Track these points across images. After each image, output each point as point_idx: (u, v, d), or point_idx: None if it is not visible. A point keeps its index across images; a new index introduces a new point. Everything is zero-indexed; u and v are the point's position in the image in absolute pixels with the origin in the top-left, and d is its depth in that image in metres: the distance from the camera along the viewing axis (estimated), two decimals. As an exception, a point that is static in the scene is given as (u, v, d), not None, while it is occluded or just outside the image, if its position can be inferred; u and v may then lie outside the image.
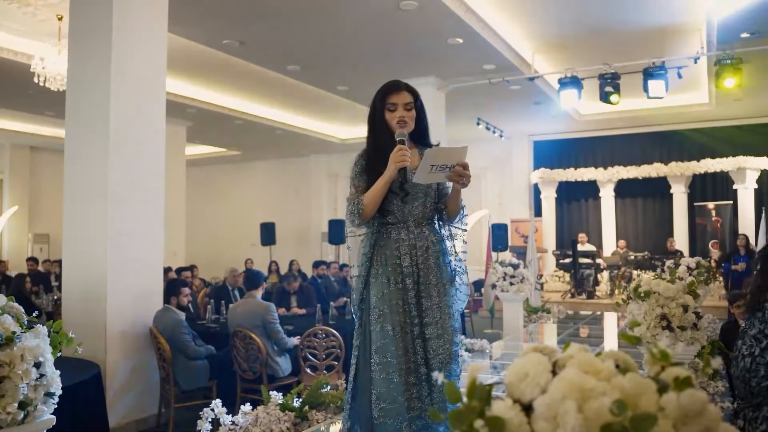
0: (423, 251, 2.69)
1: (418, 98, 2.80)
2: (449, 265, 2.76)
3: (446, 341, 2.65)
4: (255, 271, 5.94)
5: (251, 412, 3.54)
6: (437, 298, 2.68)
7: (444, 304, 2.69)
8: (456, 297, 2.76)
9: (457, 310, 2.77)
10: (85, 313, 5.01)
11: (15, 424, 1.91)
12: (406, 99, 2.74)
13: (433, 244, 2.73)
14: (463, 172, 2.54)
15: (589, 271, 12.73)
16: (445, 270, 2.74)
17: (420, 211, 2.73)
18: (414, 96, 2.78)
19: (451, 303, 2.73)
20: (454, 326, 2.70)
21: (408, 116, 2.72)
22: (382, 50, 8.48)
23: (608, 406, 0.83)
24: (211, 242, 17.82)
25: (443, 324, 2.66)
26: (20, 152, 15.44)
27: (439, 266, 2.72)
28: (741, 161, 13.06)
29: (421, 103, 2.82)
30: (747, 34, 8.13)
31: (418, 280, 2.68)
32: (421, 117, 2.81)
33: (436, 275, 2.70)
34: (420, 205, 2.72)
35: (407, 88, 2.78)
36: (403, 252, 2.67)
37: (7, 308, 2.02)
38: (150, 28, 5.50)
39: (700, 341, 3.57)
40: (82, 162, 5.22)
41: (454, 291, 2.75)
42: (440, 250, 2.74)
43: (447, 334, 2.66)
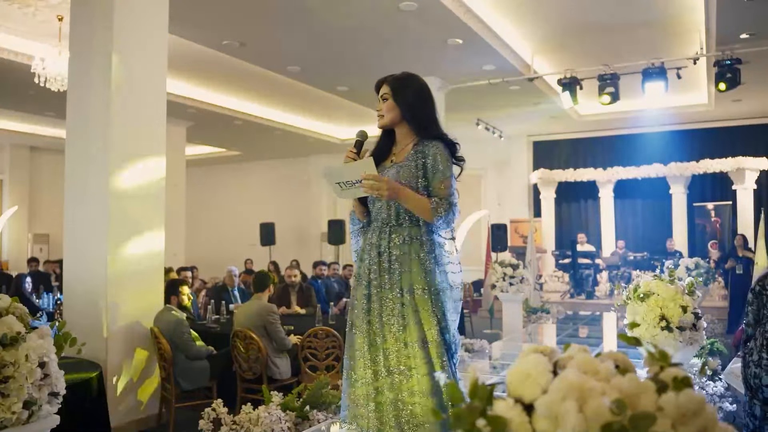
0: (381, 254, 2.58)
1: (399, 86, 2.67)
2: (417, 273, 2.54)
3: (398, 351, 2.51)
4: (263, 273, 5.95)
5: (253, 411, 3.56)
6: (391, 302, 2.54)
7: (400, 313, 2.52)
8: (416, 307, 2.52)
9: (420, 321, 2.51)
10: (86, 313, 5.02)
11: (20, 423, 1.93)
12: (383, 91, 2.69)
13: (394, 248, 2.58)
14: (373, 184, 2.41)
15: (589, 272, 12.75)
16: (408, 275, 2.54)
17: (386, 213, 2.63)
18: (392, 85, 2.67)
19: (408, 312, 2.52)
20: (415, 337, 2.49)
21: (383, 108, 2.67)
22: (382, 51, 8.50)
23: (608, 406, 0.84)
24: (211, 242, 17.82)
25: (397, 332, 2.51)
26: (20, 152, 15.45)
27: (399, 271, 2.55)
28: (740, 162, 13.07)
29: (406, 89, 2.67)
30: (746, 34, 8.15)
31: (374, 282, 2.59)
32: (410, 103, 2.65)
33: (390, 281, 2.55)
34: (383, 208, 2.63)
35: (389, 80, 2.70)
36: (369, 252, 2.64)
37: (12, 308, 2.04)
38: (151, 28, 5.51)
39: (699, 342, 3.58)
40: (83, 162, 5.23)
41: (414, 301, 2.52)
42: (401, 256, 2.56)
43: (407, 341, 2.50)
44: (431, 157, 2.56)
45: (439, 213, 2.49)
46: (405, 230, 2.59)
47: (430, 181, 2.56)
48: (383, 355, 2.52)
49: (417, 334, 2.48)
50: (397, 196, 2.47)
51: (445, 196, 2.53)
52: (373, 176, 2.41)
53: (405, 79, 2.70)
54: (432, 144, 2.59)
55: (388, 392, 2.49)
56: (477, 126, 12.73)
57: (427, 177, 2.57)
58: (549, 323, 9.11)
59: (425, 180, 2.57)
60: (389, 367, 2.50)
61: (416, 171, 2.57)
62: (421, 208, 2.51)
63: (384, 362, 2.51)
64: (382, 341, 2.53)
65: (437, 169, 2.55)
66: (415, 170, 2.57)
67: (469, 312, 10.43)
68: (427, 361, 2.47)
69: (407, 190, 2.51)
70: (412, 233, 2.58)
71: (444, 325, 2.54)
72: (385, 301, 2.55)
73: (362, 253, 2.69)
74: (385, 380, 2.50)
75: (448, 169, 2.58)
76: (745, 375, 3.00)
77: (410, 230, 2.58)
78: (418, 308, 2.51)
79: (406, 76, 2.72)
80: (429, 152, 2.57)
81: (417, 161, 2.58)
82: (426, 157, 2.57)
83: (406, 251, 2.56)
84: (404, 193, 2.49)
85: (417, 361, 2.47)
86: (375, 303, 2.57)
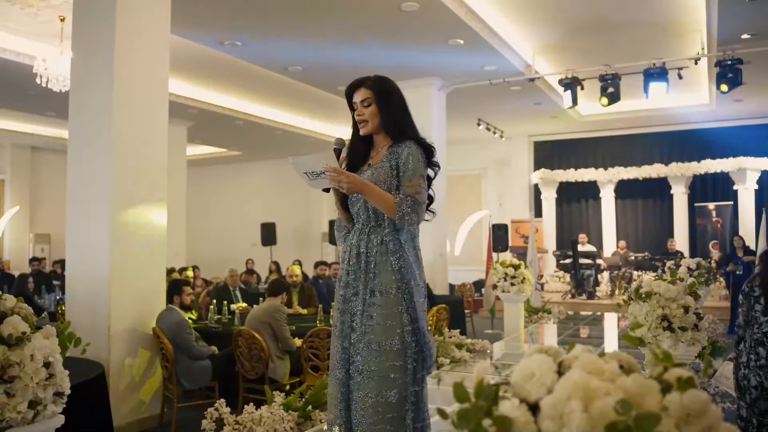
0: (360, 255, 2.57)
1: (380, 91, 2.63)
2: (389, 273, 2.52)
3: (361, 352, 2.49)
4: (278, 281, 6.02)
5: (255, 411, 3.56)
6: (361, 305, 2.53)
7: (366, 313, 2.51)
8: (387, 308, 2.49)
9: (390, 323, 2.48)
10: (88, 313, 5.03)
11: (25, 423, 1.93)
12: (363, 95, 2.62)
13: (372, 248, 2.56)
14: (335, 176, 2.41)
15: (590, 272, 12.75)
16: (380, 278, 2.52)
17: (364, 214, 2.61)
18: (374, 89, 2.62)
19: (376, 313, 2.50)
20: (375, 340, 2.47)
21: (366, 114, 2.61)
22: (383, 51, 8.50)
23: (613, 406, 0.85)
24: (212, 242, 17.83)
25: (366, 332, 2.50)
26: (21, 152, 15.47)
27: (374, 272, 2.53)
28: (741, 162, 13.08)
29: (387, 95, 2.63)
30: (747, 34, 8.15)
31: (351, 283, 2.59)
32: (390, 110, 2.63)
33: (365, 281, 2.54)
34: (362, 209, 2.62)
35: (367, 83, 2.65)
36: (348, 254, 2.63)
37: (17, 309, 2.04)
38: (153, 29, 5.51)
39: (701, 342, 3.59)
40: (85, 162, 5.24)
41: (385, 302, 2.50)
42: (378, 256, 2.54)
43: (366, 345, 2.48)
44: (403, 157, 2.55)
45: (401, 209, 2.45)
46: (383, 230, 2.57)
47: (401, 180, 2.54)
48: (353, 355, 2.52)
49: (383, 336, 2.47)
50: (359, 189, 2.46)
51: (411, 194, 2.49)
52: (334, 168, 2.40)
53: (386, 83, 2.66)
54: (406, 144, 2.57)
55: (356, 392, 2.49)
56: (478, 126, 12.74)
57: (399, 177, 2.56)
58: (550, 323, 9.11)
59: (397, 180, 2.56)
60: (358, 368, 2.49)
61: (390, 171, 2.56)
62: (384, 202, 2.48)
63: (355, 363, 2.52)
64: (354, 341, 2.53)
65: (407, 168, 2.53)
66: (389, 170, 2.56)
67: (470, 312, 10.44)
68: (392, 365, 2.45)
69: (371, 185, 2.49)
70: (387, 234, 2.56)
71: (416, 326, 2.51)
72: (357, 302, 2.55)
73: (344, 255, 2.68)
74: (355, 381, 2.50)
75: (419, 169, 2.54)
76: (736, 377, 3.00)
77: (384, 231, 2.57)
78: (388, 309, 2.49)
79: (386, 80, 2.68)
80: (402, 152, 2.56)
81: (391, 161, 2.57)
82: (399, 157, 2.56)
83: (383, 252, 2.54)
84: (367, 188, 2.47)
85: (380, 364, 2.45)
86: (351, 303, 2.58)
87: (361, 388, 2.47)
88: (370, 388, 2.44)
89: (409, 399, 2.46)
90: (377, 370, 2.44)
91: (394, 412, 2.42)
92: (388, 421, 2.42)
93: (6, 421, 1.89)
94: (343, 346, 2.57)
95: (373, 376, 2.44)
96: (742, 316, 3.06)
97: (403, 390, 2.44)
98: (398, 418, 2.43)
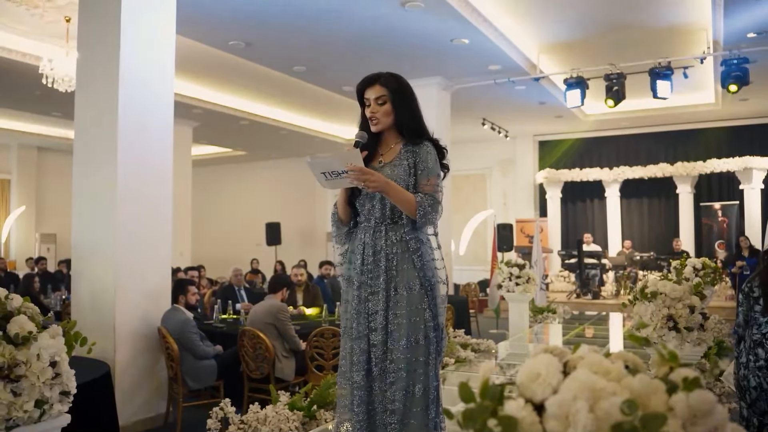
0: (377, 253, 2.56)
1: (396, 89, 2.61)
2: (411, 270, 2.53)
3: (390, 350, 2.49)
4: (277, 276, 5.99)
5: (261, 411, 3.57)
6: (384, 303, 2.52)
7: (392, 311, 2.51)
8: (411, 305, 2.50)
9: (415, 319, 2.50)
10: (94, 313, 5.05)
11: (32, 422, 1.94)
12: (378, 93, 2.59)
13: (391, 246, 2.56)
14: (360, 176, 2.40)
15: (595, 272, 12.73)
16: (403, 275, 2.53)
17: (380, 212, 2.60)
18: (390, 88, 2.60)
19: (400, 311, 2.50)
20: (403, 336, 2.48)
21: (380, 112, 2.60)
22: (388, 51, 8.50)
23: (619, 406, 0.85)
24: (217, 242, 17.86)
25: (389, 331, 2.50)
26: (27, 153, 15.53)
27: (396, 269, 2.54)
28: (747, 161, 13.04)
29: (402, 93, 2.63)
30: (753, 33, 8.13)
31: (367, 282, 2.58)
32: (405, 108, 2.63)
33: (386, 279, 2.54)
34: (378, 205, 2.60)
35: (381, 80, 2.62)
36: (360, 253, 2.60)
37: (23, 308, 2.05)
38: (158, 29, 5.53)
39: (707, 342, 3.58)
40: (91, 163, 5.25)
41: (409, 299, 2.51)
42: (399, 254, 2.55)
43: (394, 342, 2.49)
44: (422, 156, 2.57)
45: (423, 208, 2.48)
46: (401, 228, 2.57)
47: (418, 179, 2.57)
48: (377, 355, 2.52)
49: (409, 332, 2.48)
50: (382, 188, 2.46)
51: (431, 192, 2.52)
52: (360, 168, 2.40)
53: (401, 81, 2.66)
54: (424, 144, 2.60)
55: (384, 392, 2.49)
56: (483, 125, 12.73)
57: (416, 176, 2.58)
58: (555, 323, 9.10)
59: (414, 179, 2.57)
60: (385, 367, 2.50)
61: (409, 169, 2.57)
62: (407, 202, 2.49)
63: (378, 363, 2.51)
64: (375, 341, 2.52)
65: (426, 167, 2.56)
66: (407, 168, 2.57)
67: (475, 312, 10.43)
68: (417, 360, 2.48)
69: (394, 184, 2.50)
70: (408, 231, 2.56)
71: (437, 322, 2.55)
72: (377, 301, 2.54)
73: (351, 255, 2.66)
74: (381, 380, 2.51)
75: (437, 169, 2.59)
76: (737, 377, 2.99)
77: (403, 228, 2.57)
78: (412, 305, 2.51)
79: (400, 78, 2.67)
80: (420, 152, 2.58)
81: (408, 160, 2.58)
82: (417, 156, 2.58)
83: (404, 249, 2.55)
84: (390, 186, 2.48)
85: (408, 360, 2.47)
86: (369, 303, 2.56)
87: (390, 387, 2.48)
88: (400, 385, 2.46)
89: (432, 393, 2.51)
90: (405, 366, 2.47)
91: (419, 407, 2.46)
92: (414, 415, 2.45)
93: (13, 419, 1.90)
94: (361, 348, 2.55)
95: (402, 372, 2.47)
96: (742, 315, 3.05)
97: (426, 384, 2.49)
98: (422, 413, 2.46)
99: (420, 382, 2.47)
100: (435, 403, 2.52)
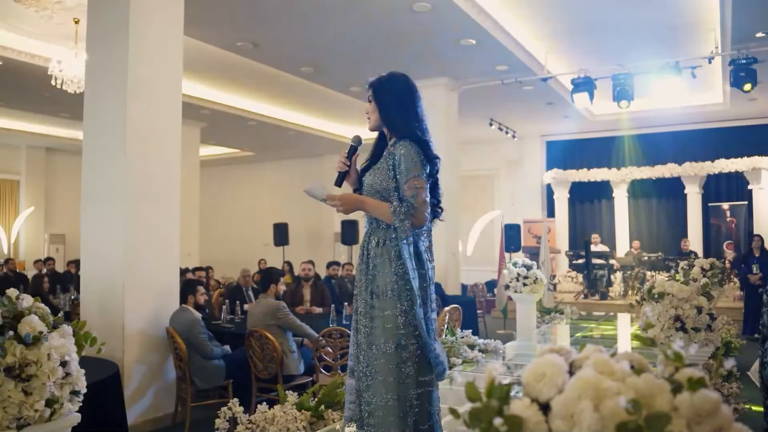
0: (363, 255, 2.63)
1: (378, 88, 2.67)
2: (388, 275, 2.51)
3: (365, 353, 2.52)
4: (265, 271, 5.96)
5: (269, 411, 3.58)
6: (363, 306, 2.58)
7: (368, 315, 2.55)
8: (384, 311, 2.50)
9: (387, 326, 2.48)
10: (103, 313, 5.08)
11: (42, 421, 1.96)
12: (368, 92, 2.72)
13: (371, 250, 2.60)
14: (331, 203, 2.58)
15: (603, 272, 12.69)
16: (380, 280, 2.53)
17: (368, 216, 2.67)
18: (374, 88, 2.68)
19: (376, 314, 2.51)
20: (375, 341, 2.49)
21: (369, 110, 2.71)
22: (395, 51, 8.51)
23: (623, 406, 0.85)
24: (225, 243, 17.91)
25: (368, 333, 2.53)
26: (36, 154, 15.62)
27: (372, 274, 2.56)
28: (756, 161, 12.96)
29: (384, 91, 2.66)
30: (762, 33, 8.08)
31: (357, 284, 2.66)
32: (386, 106, 2.65)
33: (366, 282, 2.58)
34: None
35: (371, 82, 2.71)
36: (359, 254, 2.69)
37: (34, 308, 2.08)
38: (166, 30, 5.56)
39: (715, 343, 3.57)
40: (100, 163, 5.29)
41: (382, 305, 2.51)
42: (377, 258, 2.56)
43: (368, 346, 2.52)
44: (398, 157, 2.54)
45: (397, 215, 2.47)
46: (381, 232, 2.59)
47: (399, 184, 2.54)
48: (360, 355, 2.57)
49: (382, 338, 2.48)
50: (355, 207, 2.59)
51: (407, 197, 2.49)
52: (328, 196, 2.57)
53: (384, 81, 2.69)
54: (401, 144, 2.56)
55: (363, 393, 2.53)
56: (490, 126, 12.71)
57: (397, 178, 2.56)
58: (563, 324, 9.08)
59: (395, 181, 2.56)
60: (363, 370, 2.53)
61: (388, 172, 2.57)
62: (381, 213, 2.54)
63: (359, 363, 2.56)
64: (360, 341, 2.58)
65: (401, 170, 2.53)
66: (387, 171, 2.57)
67: (483, 312, 10.42)
68: (388, 368, 2.46)
69: (364, 199, 2.59)
70: (387, 235, 2.56)
71: (413, 330, 2.48)
72: (361, 303, 2.60)
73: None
74: (361, 382, 2.54)
75: (412, 170, 2.51)
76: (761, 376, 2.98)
77: (386, 233, 2.57)
78: (385, 311, 2.49)
79: (387, 77, 2.70)
80: (397, 152, 2.56)
81: (388, 162, 2.58)
82: (394, 157, 2.56)
83: (380, 254, 2.56)
84: (363, 204, 2.59)
85: (380, 366, 2.47)
86: (357, 304, 2.64)
87: (367, 389, 2.50)
88: (374, 390, 2.47)
89: (410, 402, 2.45)
90: (377, 373, 2.47)
91: (394, 416, 2.43)
92: (390, 423, 2.43)
93: (24, 418, 1.92)
94: (354, 345, 2.64)
95: (375, 377, 2.48)
96: (766, 315, 3.04)
97: (401, 393, 2.44)
98: (399, 421, 2.43)
99: (392, 390, 2.44)
100: (419, 413, 2.47)
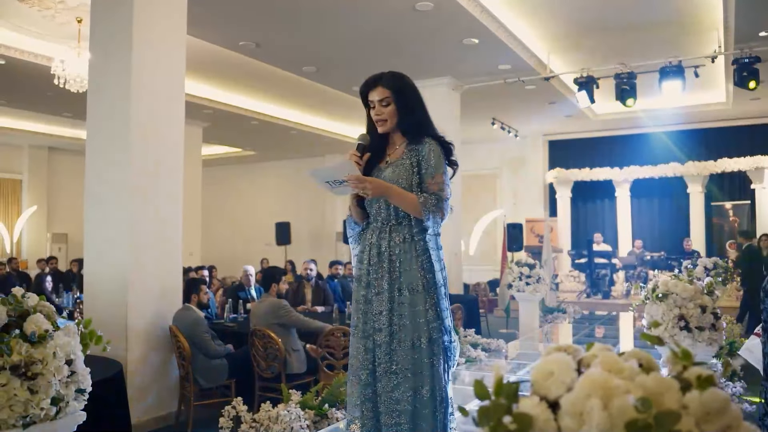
0: (381, 254, 2.57)
1: (399, 90, 2.62)
2: (415, 271, 2.52)
3: (394, 351, 2.50)
4: (268, 271, 5.97)
5: (272, 410, 3.59)
6: (388, 304, 2.53)
7: (396, 312, 2.52)
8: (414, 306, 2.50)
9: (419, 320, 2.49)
10: (106, 312, 5.08)
11: (48, 419, 1.97)
12: (382, 95, 2.61)
13: (395, 247, 2.56)
14: (358, 184, 2.44)
15: (605, 271, 12.70)
16: (407, 276, 2.52)
17: (385, 212, 2.61)
18: (393, 89, 2.61)
19: (404, 312, 2.51)
20: (407, 338, 2.49)
21: (385, 113, 2.61)
22: (398, 51, 8.51)
23: (633, 404, 0.85)
24: (227, 242, 17.93)
25: (393, 332, 2.51)
26: (38, 153, 15.64)
27: (399, 270, 2.53)
28: (758, 161, 12.96)
29: (405, 93, 2.63)
30: (765, 32, 8.07)
31: (372, 283, 2.59)
32: (408, 109, 2.62)
33: (389, 280, 2.54)
34: (383, 206, 2.62)
35: (383, 81, 2.63)
36: (367, 253, 2.63)
37: (39, 307, 2.08)
38: (169, 30, 5.56)
39: (719, 342, 3.57)
40: (103, 162, 5.29)
41: (413, 300, 2.51)
42: (402, 255, 2.54)
43: (398, 343, 2.50)
44: (425, 154, 2.55)
45: (427, 208, 2.47)
46: (405, 228, 2.57)
47: (423, 178, 2.55)
48: (380, 356, 2.53)
49: (414, 333, 2.49)
50: (382, 192, 2.50)
51: (435, 191, 2.51)
52: (356, 177, 2.44)
53: (403, 81, 2.65)
54: (427, 142, 2.58)
55: (390, 393, 2.50)
56: (493, 125, 12.71)
57: (420, 174, 2.56)
58: (565, 323, 9.08)
59: (419, 177, 2.56)
60: (390, 369, 2.51)
61: (411, 168, 2.57)
62: (409, 203, 2.50)
63: (382, 364, 2.52)
64: (380, 342, 2.54)
65: (429, 165, 2.54)
66: (410, 167, 2.57)
67: (485, 312, 10.42)
68: (422, 362, 2.48)
69: (394, 187, 2.51)
70: (413, 231, 2.56)
71: (442, 323, 2.53)
72: (382, 301, 2.55)
73: (362, 255, 2.68)
74: (386, 381, 2.52)
75: (441, 166, 2.56)
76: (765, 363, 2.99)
77: (410, 228, 2.57)
78: (416, 307, 2.50)
79: (402, 77, 2.67)
80: (423, 150, 2.57)
81: (411, 159, 2.58)
82: (420, 154, 2.57)
83: (407, 249, 2.55)
84: (391, 190, 2.50)
85: (413, 362, 2.48)
86: (373, 303, 2.58)
87: (397, 388, 2.49)
88: (407, 386, 2.47)
89: (440, 395, 2.50)
90: (411, 368, 2.47)
91: (427, 408, 2.46)
92: (423, 417, 2.46)
93: (29, 417, 1.92)
94: (366, 347, 2.57)
95: (408, 374, 2.47)
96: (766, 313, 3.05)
97: (434, 386, 2.48)
98: (431, 414, 2.46)
99: (427, 383, 2.47)
100: (444, 406, 2.52)
